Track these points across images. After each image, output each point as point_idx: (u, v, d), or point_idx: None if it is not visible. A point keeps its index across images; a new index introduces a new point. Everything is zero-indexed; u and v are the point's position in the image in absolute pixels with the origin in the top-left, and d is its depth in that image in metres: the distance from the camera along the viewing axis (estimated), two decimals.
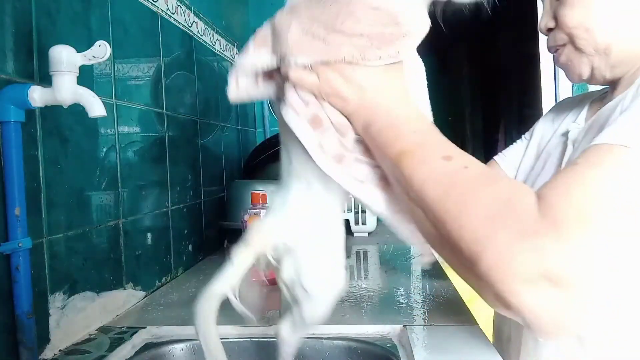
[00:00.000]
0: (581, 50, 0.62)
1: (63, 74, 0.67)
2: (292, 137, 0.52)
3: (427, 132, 0.50)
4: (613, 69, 0.62)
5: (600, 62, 0.62)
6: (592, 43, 0.61)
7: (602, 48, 0.61)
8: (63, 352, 0.77)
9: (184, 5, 1.34)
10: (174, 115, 1.26)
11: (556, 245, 0.40)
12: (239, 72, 0.53)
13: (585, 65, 0.64)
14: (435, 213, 0.45)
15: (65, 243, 0.81)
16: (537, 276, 0.40)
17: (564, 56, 0.66)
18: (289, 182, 0.57)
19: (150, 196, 1.12)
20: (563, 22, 0.62)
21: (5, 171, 0.68)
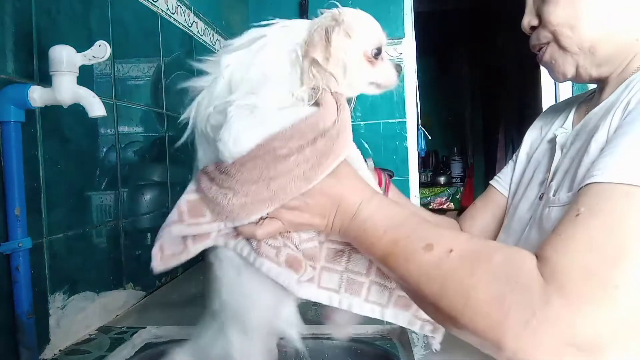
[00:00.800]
0: (565, 48, 0.61)
1: (63, 74, 0.67)
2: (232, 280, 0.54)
3: (395, 226, 0.49)
4: (599, 68, 0.61)
5: (585, 61, 0.61)
6: (577, 41, 0.59)
7: (587, 46, 0.59)
8: (63, 352, 0.77)
9: (184, 5, 1.34)
10: (174, 115, 1.26)
11: (569, 312, 0.38)
12: (165, 241, 0.53)
13: (569, 64, 0.62)
14: (442, 309, 0.44)
15: (65, 243, 0.81)
16: (562, 347, 0.38)
17: (548, 55, 0.64)
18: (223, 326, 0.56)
19: (150, 196, 1.12)
20: (547, 19, 0.61)
21: (5, 171, 0.68)
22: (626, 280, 0.38)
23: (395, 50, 1.98)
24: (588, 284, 0.39)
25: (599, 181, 0.43)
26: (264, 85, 0.52)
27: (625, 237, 0.40)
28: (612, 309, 0.38)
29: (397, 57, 1.98)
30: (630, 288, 0.38)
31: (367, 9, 0.55)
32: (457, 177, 4.11)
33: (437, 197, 3.88)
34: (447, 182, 4.05)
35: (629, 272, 0.39)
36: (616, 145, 0.46)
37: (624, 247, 0.39)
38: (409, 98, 1.99)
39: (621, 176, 0.42)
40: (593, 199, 0.43)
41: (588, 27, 0.58)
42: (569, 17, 0.59)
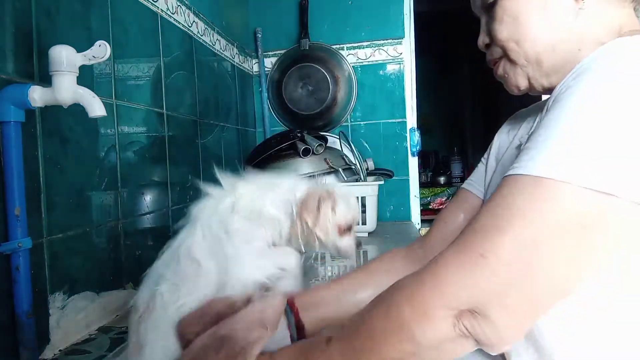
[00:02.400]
0: (514, 62, 0.64)
1: (63, 74, 0.67)
2: None
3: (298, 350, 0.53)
4: (548, 77, 0.63)
5: (534, 72, 0.63)
6: (523, 54, 0.62)
7: (533, 59, 0.62)
8: (63, 352, 0.77)
9: (184, 5, 1.34)
10: (174, 115, 1.26)
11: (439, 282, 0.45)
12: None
13: (520, 77, 0.65)
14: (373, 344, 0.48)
15: (65, 243, 0.81)
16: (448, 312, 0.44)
17: (501, 69, 0.67)
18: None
19: (150, 196, 1.12)
20: (495, 36, 0.64)
21: (5, 171, 0.68)
22: (494, 250, 0.43)
23: (395, 50, 1.98)
24: (456, 255, 0.45)
25: (505, 174, 0.48)
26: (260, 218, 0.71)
27: (503, 216, 0.44)
28: (479, 274, 0.43)
29: (397, 57, 1.98)
30: (499, 257, 0.43)
31: (367, 9, 0.55)
32: (457, 177, 4.11)
33: (437, 197, 3.88)
34: (447, 182, 4.04)
35: (498, 243, 0.43)
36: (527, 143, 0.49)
37: (498, 223, 0.44)
38: (408, 98, 1.99)
39: (515, 169, 0.46)
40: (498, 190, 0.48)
41: (530, 41, 0.61)
42: (513, 33, 0.62)
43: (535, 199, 0.43)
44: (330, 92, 1.94)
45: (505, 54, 0.65)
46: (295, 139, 1.62)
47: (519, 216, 0.43)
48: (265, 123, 2.05)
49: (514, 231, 0.43)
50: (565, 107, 0.46)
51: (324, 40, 2.00)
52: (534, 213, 0.43)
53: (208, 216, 0.71)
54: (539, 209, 0.43)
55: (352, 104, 2.01)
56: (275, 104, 2.05)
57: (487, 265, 0.43)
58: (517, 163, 0.47)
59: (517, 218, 0.43)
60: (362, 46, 1.99)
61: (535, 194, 0.44)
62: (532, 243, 0.43)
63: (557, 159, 0.44)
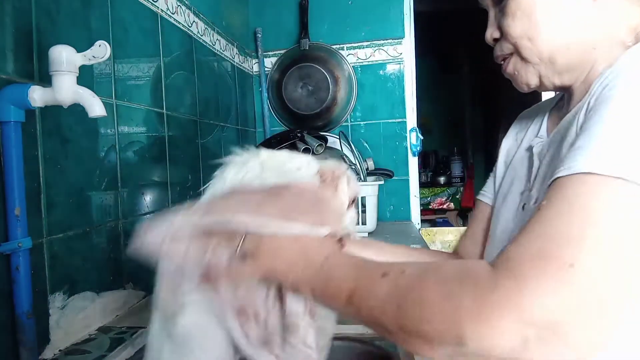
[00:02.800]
0: (526, 59, 0.62)
1: (63, 74, 0.67)
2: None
3: (357, 268, 0.51)
4: (561, 76, 0.62)
5: (546, 70, 0.61)
6: (536, 52, 0.60)
7: (546, 57, 0.60)
8: (63, 352, 0.77)
9: (184, 5, 1.34)
10: (174, 115, 1.26)
11: (518, 292, 0.38)
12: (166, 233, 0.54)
13: (532, 75, 0.63)
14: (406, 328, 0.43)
15: (65, 243, 0.81)
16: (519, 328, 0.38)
17: (511, 65, 0.65)
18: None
19: (150, 196, 1.12)
20: (507, 32, 0.62)
21: (5, 171, 0.68)
22: (582, 260, 0.38)
23: (395, 50, 1.98)
24: (538, 264, 0.39)
25: (560, 175, 0.45)
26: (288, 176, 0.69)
27: (581, 221, 0.40)
28: (566, 287, 0.38)
29: (397, 57, 1.98)
30: (587, 268, 0.38)
31: (368, 9, 0.55)
32: (457, 177, 4.11)
33: (437, 197, 3.88)
34: (447, 182, 4.05)
35: (585, 252, 0.39)
36: (577, 142, 0.47)
37: (580, 230, 0.40)
38: (408, 98, 1.99)
39: (577, 167, 0.43)
40: (553, 192, 0.44)
41: (545, 39, 0.59)
42: (527, 30, 0.60)
43: (611, 201, 0.41)
44: (330, 92, 1.94)
45: (516, 51, 0.63)
46: (295, 139, 1.62)
47: (599, 219, 0.40)
48: (265, 123, 2.05)
49: (598, 236, 0.40)
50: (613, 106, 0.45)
51: (324, 40, 2.00)
52: (613, 215, 0.40)
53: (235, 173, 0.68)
54: (616, 211, 0.40)
55: (352, 104, 2.01)
56: (275, 104, 2.05)
57: (577, 274, 0.38)
58: (573, 162, 0.44)
59: (598, 221, 0.40)
60: (362, 46, 1.99)
61: (609, 195, 0.41)
62: (616, 249, 0.40)
63: (622, 157, 0.42)
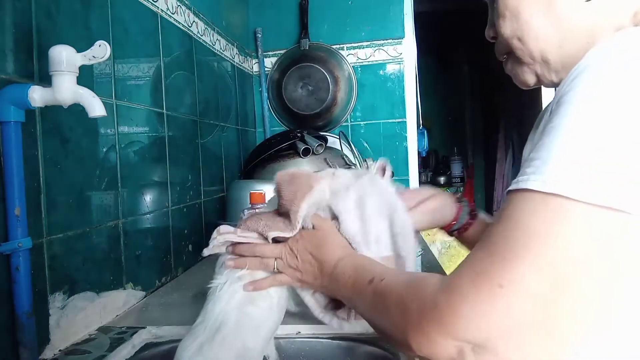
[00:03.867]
0: (520, 59, 0.60)
1: (63, 74, 0.67)
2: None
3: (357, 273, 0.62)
4: (558, 74, 0.58)
5: (542, 69, 0.59)
6: (528, 52, 0.58)
7: (538, 57, 0.57)
8: (63, 352, 0.77)
9: (184, 5, 1.34)
10: (174, 115, 1.26)
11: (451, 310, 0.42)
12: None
13: (528, 74, 0.61)
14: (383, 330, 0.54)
15: (65, 243, 0.81)
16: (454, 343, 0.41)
17: (509, 65, 0.63)
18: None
19: (150, 196, 1.12)
20: (499, 32, 0.60)
21: (5, 171, 0.68)
22: (513, 280, 0.39)
23: (395, 50, 1.98)
24: (472, 283, 0.42)
25: (510, 189, 0.44)
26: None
27: (518, 239, 0.40)
28: (495, 307, 0.40)
29: (397, 57, 1.98)
30: (518, 288, 0.39)
31: (368, 9, 0.55)
32: (457, 177, 4.11)
33: None
34: (447, 182, 4.04)
35: (517, 273, 0.39)
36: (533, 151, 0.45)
37: (515, 249, 0.40)
38: (409, 98, 1.99)
39: (522, 183, 0.42)
40: (503, 206, 0.45)
41: (534, 39, 0.57)
42: (515, 30, 0.58)
43: (549, 220, 0.40)
44: (330, 92, 1.94)
45: (511, 51, 0.61)
46: (295, 139, 1.62)
47: (536, 240, 0.40)
48: (265, 123, 2.05)
49: (533, 257, 0.39)
50: (567, 112, 0.43)
51: (324, 40, 2.00)
52: (550, 236, 0.39)
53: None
54: (554, 231, 0.39)
55: (352, 104, 2.01)
56: (275, 104, 2.05)
57: (504, 296, 0.39)
58: (522, 175, 0.43)
59: (534, 242, 0.40)
60: (362, 46, 1.99)
61: (548, 214, 0.40)
62: (552, 270, 0.39)
63: (565, 173, 0.40)
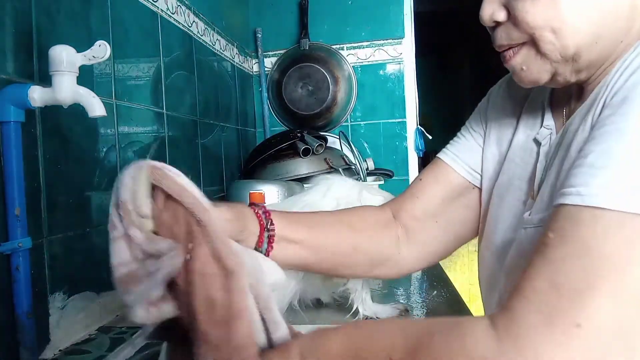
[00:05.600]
0: (545, 55, 0.50)
1: (63, 74, 0.67)
2: None
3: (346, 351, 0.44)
4: (578, 74, 0.52)
5: (565, 69, 0.51)
6: (560, 48, 0.49)
7: (570, 53, 0.49)
8: (63, 352, 0.77)
9: (184, 5, 1.34)
10: (174, 115, 1.26)
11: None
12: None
13: (545, 72, 0.52)
14: None
15: (65, 243, 0.80)
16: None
17: (519, 58, 0.53)
18: None
19: None
20: (522, 19, 0.49)
21: (5, 171, 0.68)
22: (590, 317, 0.35)
23: (395, 50, 1.98)
24: (543, 325, 0.36)
25: (568, 203, 0.39)
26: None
27: (592, 268, 0.36)
28: (572, 350, 0.35)
29: (397, 57, 1.98)
30: (596, 325, 0.35)
31: (368, 9, 0.55)
32: None
33: None
34: None
35: (594, 308, 0.35)
36: (587, 159, 0.40)
37: (588, 280, 0.36)
38: (408, 98, 1.99)
39: (590, 197, 0.37)
40: (561, 224, 0.39)
41: (572, 32, 0.48)
42: (551, 19, 0.48)
43: (627, 243, 0.35)
44: (330, 92, 1.94)
45: (533, 43, 0.51)
46: (295, 139, 1.62)
47: (612, 268, 0.35)
48: (265, 123, 2.05)
49: (610, 289, 0.35)
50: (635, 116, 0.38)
51: (324, 40, 2.00)
52: (629, 262, 0.35)
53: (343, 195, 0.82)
54: (632, 257, 0.35)
55: (352, 104, 2.01)
56: (275, 104, 2.05)
57: (584, 336, 0.35)
58: (584, 186, 0.38)
59: (611, 271, 0.35)
60: (362, 46, 2.00)
61: (625, 237, 0.35)
62: (633, 300, 0.35)
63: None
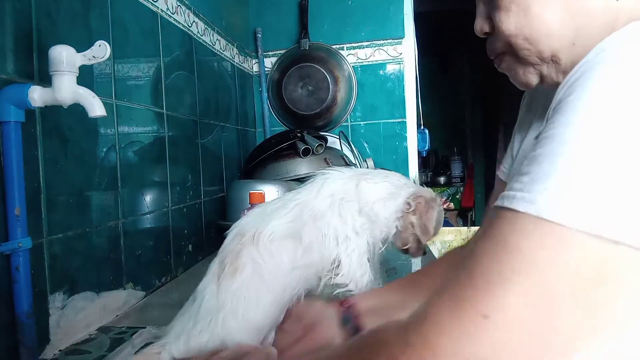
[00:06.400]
0: (524, 60, 0.52)
1: (63, 74, 0.67)
2: None
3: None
4: (566, 74, 0.50)
5: (549, 70, 0.51)
6: (536, 53, 0.50)
7: (548, 56, 0.50)
8: (63, 352, 0.77)
9: (184, 5, 1.34)
10: (174, 115, 1.26)
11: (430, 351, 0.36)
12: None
13: (531, 74, 0.53)
14: None
15: (65, 243, 0.81)
16: None
17: (505, 64, 0.55)
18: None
19: (150, 196, 1.12)
20: (499, 28, 0.51)
21: (5, 171, 0.68)
22: (498, 309, 0.35)
23: (395, 50, 1.98)
24: (452, 314, 0.36)
25: (498, 204, 0.39)
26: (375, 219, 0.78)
27: (506, 261, 0.36)
28: (480, 340, 0.35)
29: (397, 57, 1.98)
30: (503, 318, 0.35)
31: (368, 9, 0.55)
32: (457, 177, 4.11)
33: None
34: (447, 182, 4.05)
35: (502, 300, 0.35)
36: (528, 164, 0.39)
37: (502, 275, 0.36)
38: (409, 98, 1.99)
39: (511, 200, 0.38)
40: (489, 223, 0.40)
41: (545, 37, 0.49)
42: (523, 27, 0.49)
43: (544, 245, 0.36)
44: (330, 92, 1.94)
45: (511, 51, 0.53)
46: (295, 139, 1.62)
47: (527, 266, 0.36)
48: (265, 123, 2.05)
49: (522, 284, 0.35)
50: (568, 123, 0.37)
51: (324, 40, 2.00)
52: (544, 263, 0.35)
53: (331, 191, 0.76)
54: (548, 259, 0.36)
55: (352, 104, 2.01)
56: (275, 104, 2.05)
57: (490, 328, 0.35)
58: (514, 191, 0.38)
59: (525, 268, 0.36)
60: (362, 46, 2.00)
61: (543, 239, 0.36)
62: (544, 298, 0.35)
63: (563, 197, 0.35)
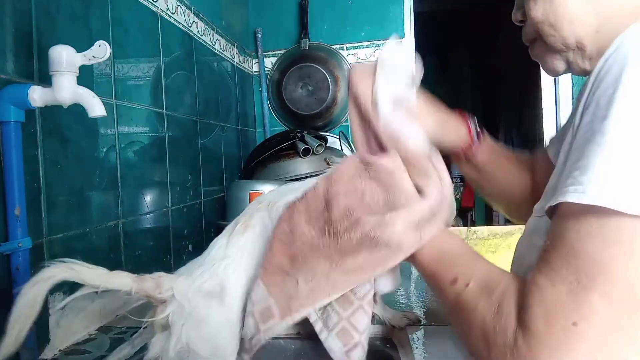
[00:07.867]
0: (551, 46, 0.54)
1: (63, 74, 0.67)
2: None
3: (437, 259, 0.53)
4: (592, 61, 0.53)
5: (575, 57, 0.54)
6: (560, 39, 0.52)
7: (572, 43, 0.52)
8: (63, 352, 0.77)
9: (184, 5, 1.34)
10: (174, 115, 1.26)
11: (531, 355, 0.39)
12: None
13: (558, 61, 0.56)
14: (463, 339, 0.49)
15: (65, 243, 0.81)
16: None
17: (535, 51, 0.58)
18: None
19: (150, 196, 1.12)
20: (529, 15, 0.54)
21: (5, 171, 0.68)
22: (587, 317, 0.37)
23: None
24: (546, 323, 0.38)
25: (567, 200, 0.39)
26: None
27: (580, 268, 0.38)
28: (572, 348, 0.37)
29: None
30: (591, 323, 0.37)
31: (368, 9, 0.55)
32: (457, 177, 4.10)
33: None
34: None
35: (589, 307, 0.37)
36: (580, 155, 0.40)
37: (579, 281, 0.37)
38: None
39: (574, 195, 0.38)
40: (559, 222, 0.41)
41: (569, 24, 0.51)
42: (548, 14, 0.52)
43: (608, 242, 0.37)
44: (330, 92, 1.94)
45: (539, 37, 0.55)
46: (295, 139, 1.62)
47: (599, 270, 0.37)
48: (265, 123, 2.05)
49: (600, 288, 0.37)
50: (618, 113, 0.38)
51: (324, 40, 2.00)
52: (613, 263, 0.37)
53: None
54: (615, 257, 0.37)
55: None
56: (275, 104, 2.05)
57: (580, 335, 0.37)
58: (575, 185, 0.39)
59: (597, 272, 0.37)
60: (362, 46, 2.00)
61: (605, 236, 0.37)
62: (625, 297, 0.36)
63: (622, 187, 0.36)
